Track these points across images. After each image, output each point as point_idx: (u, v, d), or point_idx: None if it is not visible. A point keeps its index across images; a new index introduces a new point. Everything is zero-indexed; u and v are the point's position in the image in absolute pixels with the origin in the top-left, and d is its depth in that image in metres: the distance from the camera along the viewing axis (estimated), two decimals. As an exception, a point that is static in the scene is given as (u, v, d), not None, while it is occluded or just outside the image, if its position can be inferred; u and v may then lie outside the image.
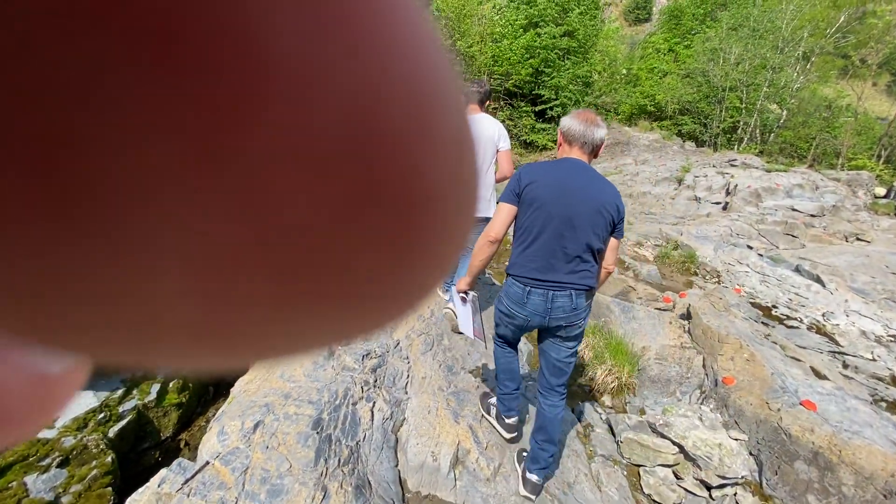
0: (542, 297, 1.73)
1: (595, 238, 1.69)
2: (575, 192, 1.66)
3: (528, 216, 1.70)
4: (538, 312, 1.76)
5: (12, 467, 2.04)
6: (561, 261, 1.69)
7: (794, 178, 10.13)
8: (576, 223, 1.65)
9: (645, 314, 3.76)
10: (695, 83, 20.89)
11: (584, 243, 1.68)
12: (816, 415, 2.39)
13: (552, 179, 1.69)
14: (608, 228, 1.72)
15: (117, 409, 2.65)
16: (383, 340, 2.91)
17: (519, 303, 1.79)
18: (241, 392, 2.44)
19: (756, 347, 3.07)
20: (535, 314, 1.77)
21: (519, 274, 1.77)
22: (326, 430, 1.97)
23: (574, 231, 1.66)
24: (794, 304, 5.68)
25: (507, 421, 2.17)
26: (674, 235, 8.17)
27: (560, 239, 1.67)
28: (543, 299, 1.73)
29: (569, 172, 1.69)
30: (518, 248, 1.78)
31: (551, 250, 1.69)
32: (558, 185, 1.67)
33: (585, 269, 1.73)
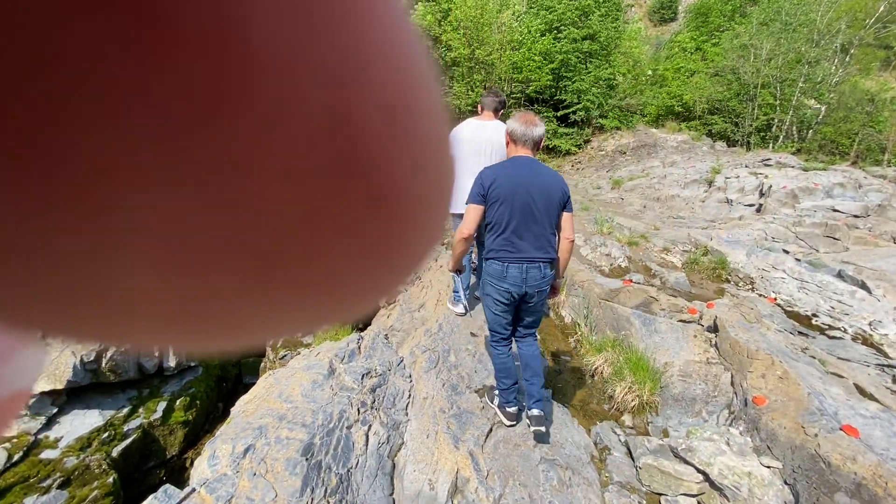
0: (518, 269, 2.12)
1: (551, 218, 2.12)
2: (528, 184, 2.04)
3: (496, 211, 2.07)
4: (516, 283, 2.14)
5: (12, 489, 2.04)
6: (528, 241, 2.09)
7: (835, 176, 9.54)
8: (534, 209, 2.05)
9: (668, 327, 3.54)
10: (724, 81, 20.17)
11: (543, 224, 2.09)
12: (859, 441, 2.14)
13: (508, 177, 2.05)
14: (560, 206, 2.14)
15: (122, 427, 2.65)
16: (385, 358, 2.82)
17: (500, 277, 2.14)
18: (240, 412, 2.39)
19: (790, 363, 2.82)
20: (514, 284, 2.14)
21: (497, 255, 2.13)
22: (317, 455, 1.89)
23: (534, 215, 2.06)
24: (836, 312, 5.27)
25: (508, 410, 2.43)
26: (703, 240, 7.79)
27: (525, 224, 2.06)
28: (519, 272, 2.12)
29: (521, 169, 2.06)
30: (492, 237, 2.13)
31: (520, 234, 2.08)
32: (514, 181, 2.04)
33: (548, 244, 2.15)
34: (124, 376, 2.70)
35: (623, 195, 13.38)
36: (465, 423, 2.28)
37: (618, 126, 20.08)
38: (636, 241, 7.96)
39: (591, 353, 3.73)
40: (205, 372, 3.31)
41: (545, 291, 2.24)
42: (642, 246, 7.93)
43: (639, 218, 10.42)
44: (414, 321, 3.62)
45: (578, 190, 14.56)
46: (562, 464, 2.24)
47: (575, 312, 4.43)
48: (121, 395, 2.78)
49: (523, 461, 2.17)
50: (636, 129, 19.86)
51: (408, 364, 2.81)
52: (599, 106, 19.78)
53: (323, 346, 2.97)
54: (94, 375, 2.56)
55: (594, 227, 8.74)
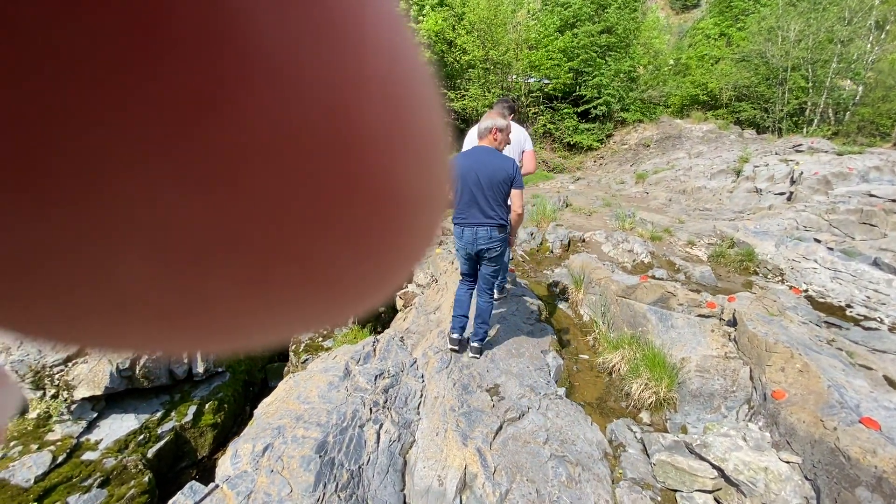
0: (470, 231, 2.71)
1: (496, 193, 2.64)
2: (478, 167, 2.61)
3: (455, 187, 2.56)
4: (469, 242, 2.73)
5: (57, 488, 2.22)
6: (477, 209, 2.65)
7: (870, 160, 9.08)
8: (481, 185, 2.61)
9: (684, 322, 3.49)
10: (751, 66, 19.44)
11: (490, 197, 2.64)
12: (879, 434, 2.08)
13: (464, 162, 2.65)
14: (506, 184, 2.65)
15: (156, 430, 2.83)
16: (399, 359, 2.90)
17: (458, 237, 2.78)
18: (262, 414, 2.52)
19: (811, 356, 2.74)
20: (468, 243, 2.74)
21: (456, 221, 2.74)
22: (330, 453, 1.98)
23: (482, 190, 2.62)
24: (872, 302, 5.05)
25: (451, 336, 3.02)
26: (729, 232, 7.57)
27: (473, 197, 2.64)
28: (470, 233, 2.71)
29: (475, 155, 2.65)
30: (456, 207, 2.69)
31: (469, 204, 2.66)
32: (468, 165, 2.63)
33: (495, 213, 2.67)
34: (157, 382, 2.88)
35: (647, 189, 13.10)
36: (475, 421, 2.34)
37: (640, 119, 19.66)
38: (659, 236, 7.81)
39: (608, 350, 3.71)
40: (232, 377, 3.48)
41: (495, 249, 2.77)
42: (666, 240, 7.77)
43: (663, 212, 10.19)
44: (429, 323, 3.69)
45: (601, 186, 14.34)
46: (572, 460, 2.27)
47: (592, 310, 4.41)
48: (154, 399, 2.97)
49: (532, 458, 2.20)
50: (660, 121, 19.39)
51: (420, 365, 2.88)
52: (620, 99, 19.42)
53: (340, 350, 3.08)
54: (129, 382, 2.75)
55: (616, 223, 8.63)
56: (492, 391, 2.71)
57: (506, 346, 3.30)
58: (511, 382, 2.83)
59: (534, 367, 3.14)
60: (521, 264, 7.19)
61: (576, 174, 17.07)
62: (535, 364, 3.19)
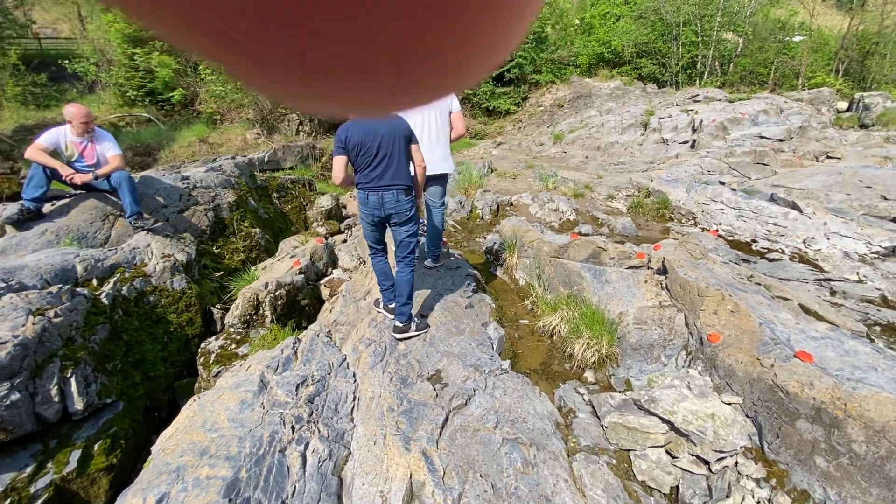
0: (376, 197, 2.66)
1: (400, 153, 2.65)
2: (375, 130, 2.59)
3: (356, 157, 2.63)
4: (376, 207, 2.68)
5: None
6: (382, 173, 2.62)
7: (758, 104, 9.88)
8: (382, 147, 2.59)
9: (618, 276, 3.46)
10: (648, 23, 20.40)
11: (394, 159, 2.63)
12: (814, 366, 2.12)
13: (360, 129, 2.59)
14: (407, 139, 2.69)
15: (28, 489, 2.26)
16: (325, 359, 2.55)
17: (364, 203, 2.71)
18: (160, 451, 2.08)
19: (739, 296, 2.79)
20: (375, 208, 2.69)
21: (360, 186, 2.69)
22: (244, 492, 1.62)
23: (385, 153, 2.60)
24: (773, 235, 5.47)
25: (390, 307, 3.04)
26: (644, 182, 7.89)
27: (379, 160, 2.61)
28: (377, 198, 2.66)
29: (369, 122, 2.57)
30: (358, 174, 2.68)
31: (373, 169, 2.62)
32: (363, 131, 2.58)
33: (400, 174, 2.66)
34: (19, 431, 2.28)
35: (565, 148, 13.41)
36: (417, 418, 2.08)
37: (553, 80, 19.98)
38: (581, 193, 7.95)
39: (546, 313, 3.62)
40: (127, 405, 2.91)
41: (404, 213, 2.73)
42: (588, 196, 7.93)
43: (582, 169, 10.45)
44: (360, 311, 3.35)
45: (522, 149, 14.45)
46: (525, 441, 2.10)
47: (527, 274, 4.31)
48: (21, 452, 2.37)
49: (484, 447, 2.00)
50: (571, 81, 19.84)
51: (351, 362, 2.55)
52: (532, 61, 19.55)
53: (254, 357, 2.66)
54: (-25, 439, 2.15)
55: (540, 184, 8.67)
56: (434, 378, 2.46)
57: (445, 325, 3.06)
58: (454, 365, 2.60)
59: (476, 342, 2.94)
60: (454, 234, 6.98)
61: (497, 139, 17.08)
62: (477, 339, 2.99)
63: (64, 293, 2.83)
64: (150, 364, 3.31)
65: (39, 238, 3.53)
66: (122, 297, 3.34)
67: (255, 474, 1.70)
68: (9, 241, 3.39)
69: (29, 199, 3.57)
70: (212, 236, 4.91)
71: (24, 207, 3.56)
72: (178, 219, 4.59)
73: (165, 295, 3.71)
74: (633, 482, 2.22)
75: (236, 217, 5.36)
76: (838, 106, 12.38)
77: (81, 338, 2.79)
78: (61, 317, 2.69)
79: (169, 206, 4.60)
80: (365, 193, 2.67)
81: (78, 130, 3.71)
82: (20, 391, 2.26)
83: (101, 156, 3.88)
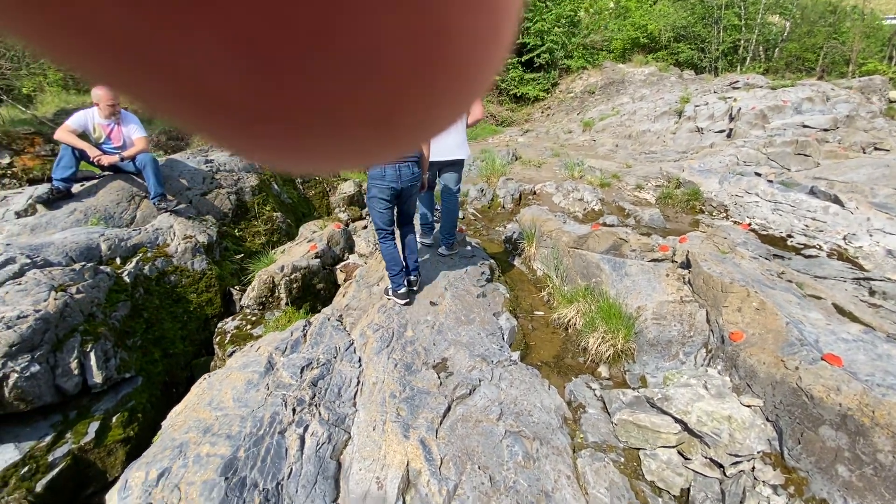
0: (393, 170, 2.74)
1: None
2: None
3: None
4: (393, 180, 2.76)
5: None
6: None
7: (803, 91, 9.30)
8: None
9: (638, 269, 3.33)
10: (688, 5, 19.46)
11: None
12: (842, 370, 1.97)
13: None
14: None
15: (46, 458, 2.36)
16: (333, 343, 2.55)
17: (380, 178, 2.77)
18: (169, 427, 2.13)
19: (766, 293, 2.64)
20: (392, 181, 2.76)
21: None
22: (241, 472, 1.64)
23: None
24: (811, 230, 5.16)
25: (399, 292, 3.06)
26: (675, 173, 7.57)
27: None
28: (394, 170, 2.74)
29: None
30: None
31: None
32: None
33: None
34: (38, 402, 2.39)
35: (595, 136, 13.02)
36: (419, 406, 2.05)
37: (584, 65, 19.37)
38: (608, 182, 7.71)
39: (562, 305, 3.53)
40: (146, 381, 3.01)
41: (416, 186, 2.92)
42: (615, 186, 7.69)
43: (611, 158, 10.13)
44: (371, 297, 3.34)
45: (549, 136, 14.12)
46: (528, 435, 2.05)
47: (545, 264, 4.21)
48: (42, 422, 2.48)
49: (485, 439, 1.96)
50: (603, 67, 19.19)
51: (358, 347, 2.55)
52: (563, 46, 18.98)
53: (265, 339, 2.69)
54: (-2, 407, 2.26)
55: (565, 173, 8.46)
56: (439, 367, 2.43)
57: (455, 314, 3.02)
58: (460, 354, 2.56)
59: (485, 332, 2.89)
60: (474, 222, 6.91)
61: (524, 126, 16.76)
62: (487, 329, 2.93)
63: (87, 270, 2.93)
64: (170, 342, 3.41)
65: (68, 217, 3.66)
66: (144, 275, 3.44)
67: (253, 454, 1.71)
68: (39, 219, 3.53)
69: (58, 179, 3.70)
70: (234, 219, 5.00)
71: (53, 187, 3.70)
72: (200, 201, 4.69)
73: (186, 275, 3.80)
74: (642, 482, 2.14)
75: (258, 201, 5.44)
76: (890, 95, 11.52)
77: (102, 314, 2.89)
78: (83, 293, 2.78)
79: (192, 189, 4.70)
80: (382, 169, 2.72)
81: (105, 113, 3.81)
82: (41, 363, 2.36)
83: (126, 138, 3.97)
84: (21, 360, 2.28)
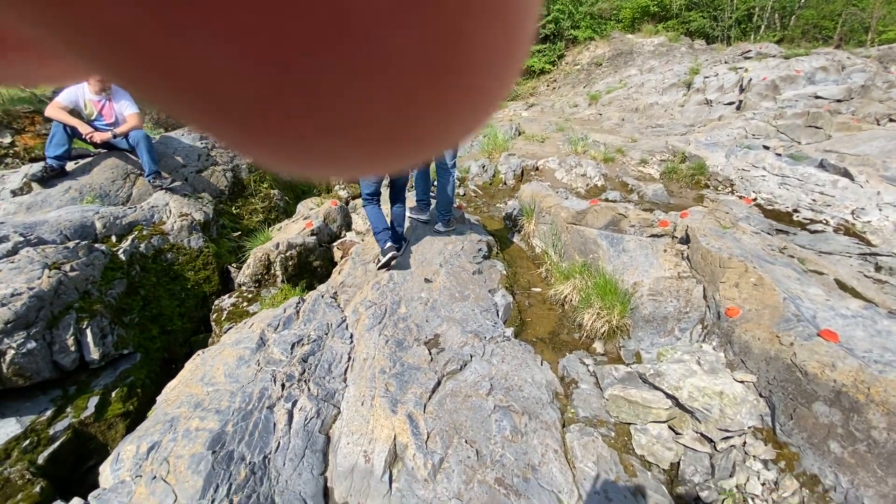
0: None
1: None
2: None
3: None
4: None
5: None
6: None
7: (817, 60, 8.97)
8: None
9: (636, 245, 3.28)
10: (700, -29, 18.68)
11: None
12: (839, 346, 1.94)
13: None
14: None
15: (47, 431, 2.42)
16: (326, 320, 2.55)
17: None
18: (163, 401, 2.16)
19: (765, 268, 2.58)
20: None
21: None
22: (229, 445, 1.65)
23: None
24: (818, 204, 5.04)
25: (384, 248, 3.13)
26: (681, 147, 7.39)
27: None
28: None
29: None
30: None
31: None
32: None
33: None
34: (37, 378, 2.43)
35: (601, 110, 12.72)
36: (408, 382, 2.06)
37: (591, 36, 18.79)
38: (612, 157, 7.56)
39: (559, 281, 3.50)
40: (144, 357, 3.05)
41: None
42: (619, 161, 7.54)
43: (616, 132, 9.91)
44: (367, 274, 3.33)
45: (555, 111, 13.82)
46: (517, 409, 2.05)
47: (544, 241, 4.16)
48: (42, 397, 2.53)
49: (473, 413, 1.96)
50: (611, 38, 18.61)
51: (350, 323, 2.55)
52: (570, 15, 18.41)
53: (258, 316, 2.69)
54: (-2, 383, 2.30)
55: (569, 148, 8.30)
56: (431, 343, 2.43)
57: (449, 291, 3.00)
58: (453, 330, 2.55)
59: (479, 309, 2.87)
60: (474, 199, 6.83)
61: (529, 101, 16.42)
62: (481, 306, 2.92)
63: (81, 248, 2.93)
64: (168, 319, 3.44)
65: (63, 195, 3.65)
66: (140, 253, 3.44)
67: (241, 429, 1.73)
68: (34, 197, 3.52)
69: (52, 157, 3.68)
70: (230, 196, 4.97)
71: (47, 165, 3.67)
72: (196, 178, 4.66)
73: (183, 253, 3.80)
74: (632, 456, 2.15)
75: (255, 178, 5.39)
76: (912, 63, 11.08)
77: (98, 291, 2.91)
78: (77, 271, 2.79)
79: (188, 166, 4.66)
80: None
81: (95, 88, 3.74)
82: (37, 340, 2.38)
83: (118, 114, 3.92)
84: (17, 336, 2.30)
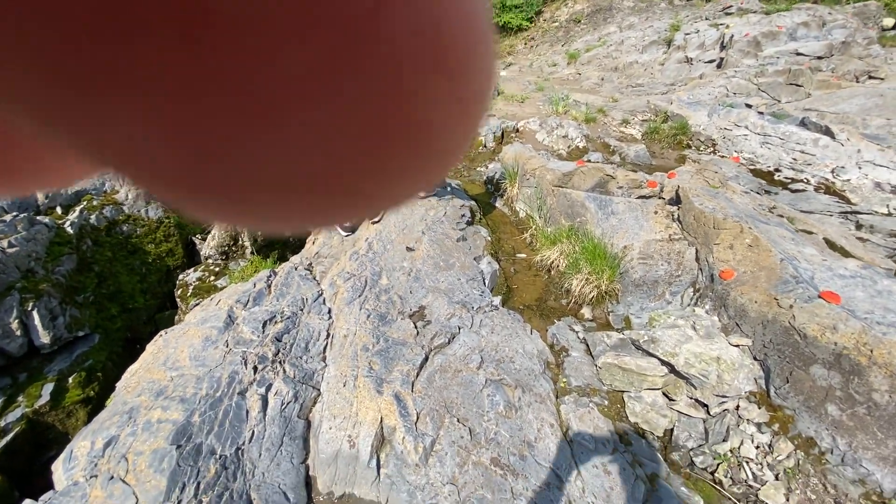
0: None
1: None
2: None
3: None
4: None
5: None
6: None
7: (798, 16, 8.83)
8: None
9: (625, 207, 3.15)
10: (682, -79, 17.96)
11: None
12: (840, 308, 1.88)
13: None
14: None
15: (-4, 423, 2.20)
16: (300, 294, 2.36)
17: None
18: (123, 388, 1.96)
19: (760, 229, 2.50)
20: None
21: None
22: (196, 438, 1.49)
23: None
24: (799, 163, 5.02)
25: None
26: (663, 106, 7.24)
27: None
28: None
29: None
30: None
31: None
32: None
33: None
34: (-22, 367, 2.19)
35: (580, 69, 12.39)
36: (393, 359, 1.91)
37: (570, -10, 18.09)
38: (594, 118, 7.36)
39: (546, 246, 3.37)
40: (104, 338, 2.81)
41: None
42: (600, 121, 7.35)
43: (596, 92, 9.66)
44: (344, 244, 3.12)
45: (533, 70, 13.39)
46: (510, 382, 1.94)
47: (528, 205, 4.00)
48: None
49: (464, 389, 1.84)
50: (590, -7, 17.95)
51: (328, 297, 2.36)
52: (548, -32, 17.59)
53: (225, 292, 2.48)
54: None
55: (549, 108, 8.05)
56: (416, 316, 2.28)
57: (433, 259, 2.83)
58: (439, 301, 2.40)
59: (465, 277, 2.73)
60: (453, 163, 6.59)
61: (507, 60, 15.87)
62: (467, 274, 2.77)
63: (19, 222, 2.62)
64: (128, 296, 3.18)
65: (-3, 162, 3.26)
66: (91, 226, 3.13)
67: (210, 418, 1.56)
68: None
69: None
70: (192, 162, 4.60)
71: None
72: (152, 143, 4.26)
73: (141, 224, 3.50)
74: (625, 423, 2.09)
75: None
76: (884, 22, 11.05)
77: (43, 269, 2.62)
78: (17, 247, 2.49)
79: (141, 129, 4.25)
80: None
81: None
82: (-29, 325, 2.12)
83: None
84: (-55, 323, 2.04)
